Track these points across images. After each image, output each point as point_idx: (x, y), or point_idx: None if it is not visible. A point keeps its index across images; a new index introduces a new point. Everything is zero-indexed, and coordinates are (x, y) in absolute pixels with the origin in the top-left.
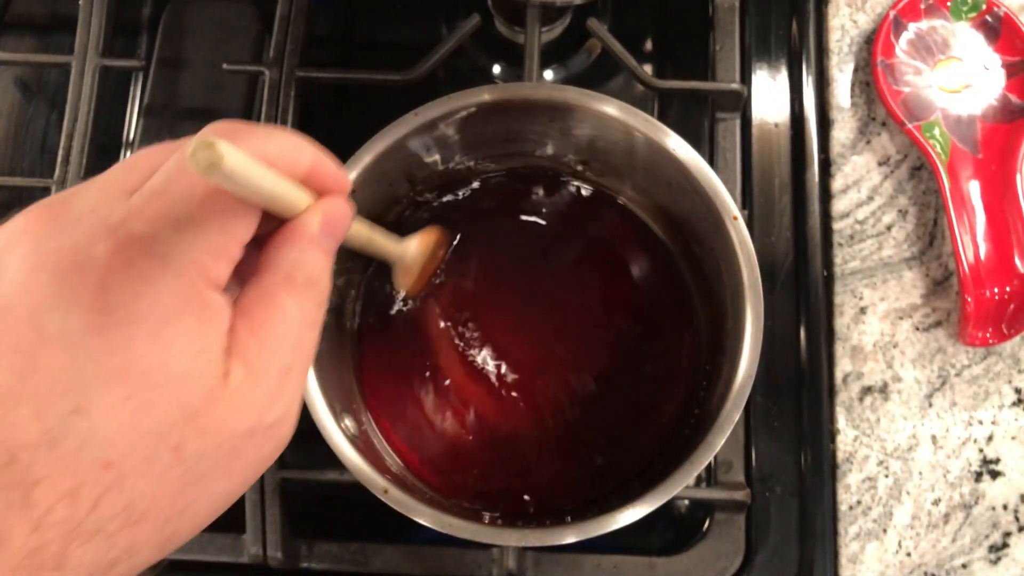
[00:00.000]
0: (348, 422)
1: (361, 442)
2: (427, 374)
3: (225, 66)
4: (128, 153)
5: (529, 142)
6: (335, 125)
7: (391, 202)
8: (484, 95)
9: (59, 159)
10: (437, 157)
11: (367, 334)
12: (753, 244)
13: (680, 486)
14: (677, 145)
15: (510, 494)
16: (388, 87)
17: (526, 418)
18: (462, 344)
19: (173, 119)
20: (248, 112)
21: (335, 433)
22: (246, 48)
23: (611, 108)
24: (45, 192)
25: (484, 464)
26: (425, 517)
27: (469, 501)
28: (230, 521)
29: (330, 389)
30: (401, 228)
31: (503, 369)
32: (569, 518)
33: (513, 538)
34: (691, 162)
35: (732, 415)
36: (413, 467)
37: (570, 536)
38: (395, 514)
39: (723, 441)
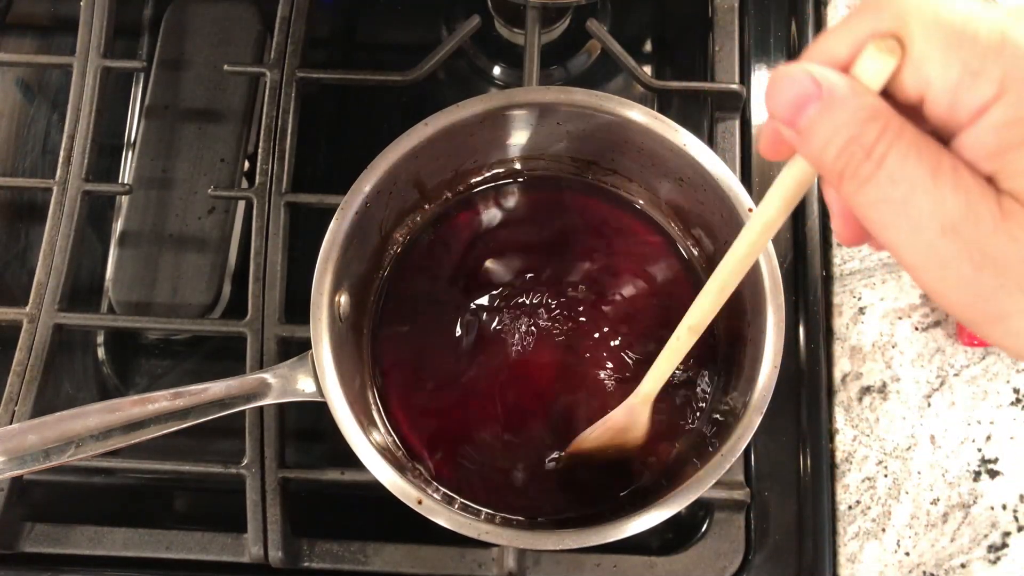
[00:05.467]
0: (376, 435)
1: (387, 452)
2: (445, 379)
3: (226, 67)
4: (130, 154)
5: (538, 144)
6: (336, 126)
7: (402, 212)
8: (493, 101)
9: (60, 160)
10: (446, 165)
11: (385, 341)
12: None
13: (712, 480)
14: (688, 140)
15: (528, 496)
16: (389, 88)
17: (542, 418)
18: (478, 346)
19: (174, 120)
20: (249, 113)
21: (366, 447)
22: (247, 49)
23: (620, 107)
24: (46, 193)
25: (501, 466)
26: (460, 526)
27: (483, 503)
28: (231, 521)
29: (355, 402)
30: (411, 239)
31: (519, 373)
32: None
33: (550, 542)
34: (703, 156)
35: (761, 406)
36: (435, 472)
37: (610, 535)
38: (395, 514)
39: (752, 433)
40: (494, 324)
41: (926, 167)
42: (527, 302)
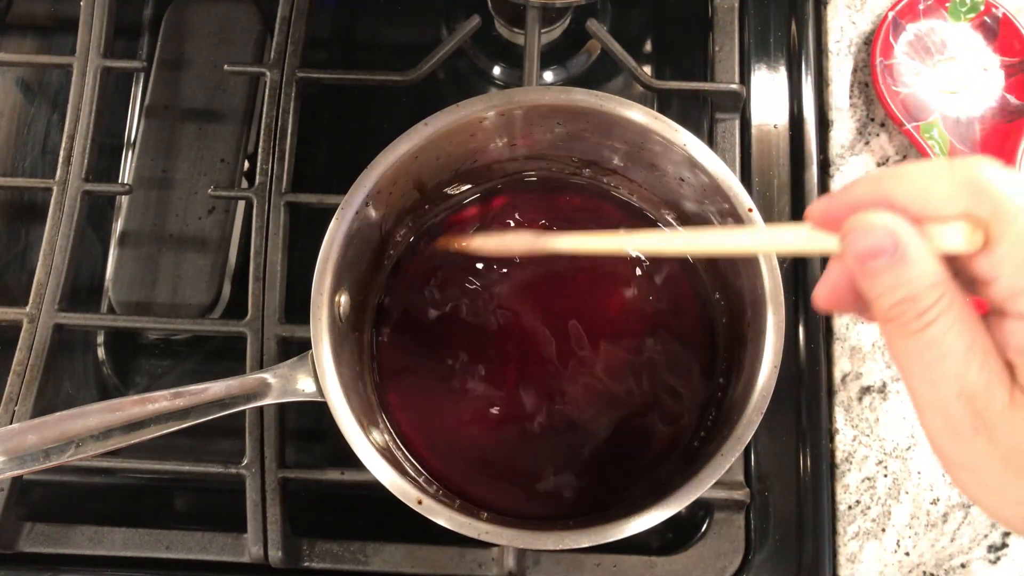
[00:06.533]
0: (376, 435)
1: (388, 452)
2: (445, 379)
3: (226, 67)
4: (130, 154)
5: (537, 144)
6: (336, 126)
7: (402, 212)
8: (493, 101)
9: (60, 160)
10: (446, 165)
11: (385, 340)
12: None
13: (711, 480)
14: (688, 140)
15: (528, 497)
16: (389, 88)
17: (543, 417)
18: (478, 346)
19: (174, 120)
20: (249, 113)
21: (366, 447)
22: (247, 49)
23: (620, 107)
24: (46, 193)
25: (501, 467)
26: (460, 526)
27: (483, 503)
28: (231, 521)
29: (355, 403)
30: (411, 239)
31: (519, 373)
32: (590, 519)
33: (550, 542)
34: (703, 156)
35: (761, 405)
36: (435, 472)
37: (615, 534)
38: (395, 513)
39: (752, 433)
40: (494, 323)
41: (964, 342)
42: (527, 301)
